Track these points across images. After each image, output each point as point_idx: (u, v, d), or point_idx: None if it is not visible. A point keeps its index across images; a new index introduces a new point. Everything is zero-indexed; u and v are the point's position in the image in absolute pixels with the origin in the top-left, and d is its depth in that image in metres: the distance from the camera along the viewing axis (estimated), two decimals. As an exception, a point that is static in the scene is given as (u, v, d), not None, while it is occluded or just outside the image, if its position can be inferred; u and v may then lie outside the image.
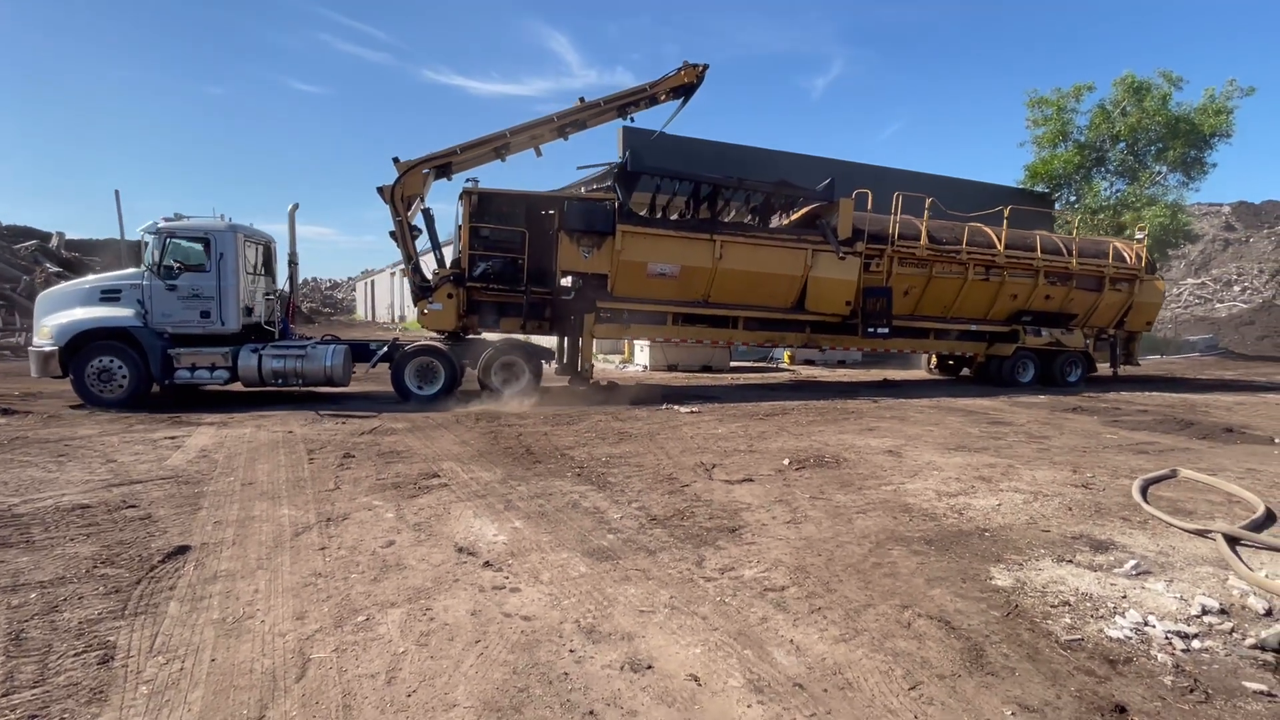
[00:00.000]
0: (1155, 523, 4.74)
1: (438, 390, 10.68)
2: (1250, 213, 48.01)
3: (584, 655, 2.82)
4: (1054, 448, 7.47)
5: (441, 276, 11.03)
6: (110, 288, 9.74)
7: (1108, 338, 15.66)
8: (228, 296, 9.85)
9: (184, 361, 9.73)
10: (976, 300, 13.94)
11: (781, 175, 14.09)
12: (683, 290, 11.93)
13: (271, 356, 10.03)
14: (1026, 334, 14.28)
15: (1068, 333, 14.67)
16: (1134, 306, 15.27)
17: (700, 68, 11.81)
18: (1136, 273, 15.00)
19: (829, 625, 3.14)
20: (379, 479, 5.70)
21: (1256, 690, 2.64)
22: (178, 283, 9.65)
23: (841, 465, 6.39)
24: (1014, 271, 13.85)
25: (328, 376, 10.20)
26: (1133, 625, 3.15)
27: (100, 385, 9.47)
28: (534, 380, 10.99)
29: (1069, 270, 14.26)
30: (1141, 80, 26.53)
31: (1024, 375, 14.49)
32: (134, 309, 9.60)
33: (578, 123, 11.57)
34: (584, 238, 11.18)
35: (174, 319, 9.71)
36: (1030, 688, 2.63)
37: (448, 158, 11.05)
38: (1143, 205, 25.84)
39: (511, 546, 4.11)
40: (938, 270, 13.37)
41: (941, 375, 16.75)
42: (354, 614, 3.16)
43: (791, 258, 12.27)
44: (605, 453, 6.84)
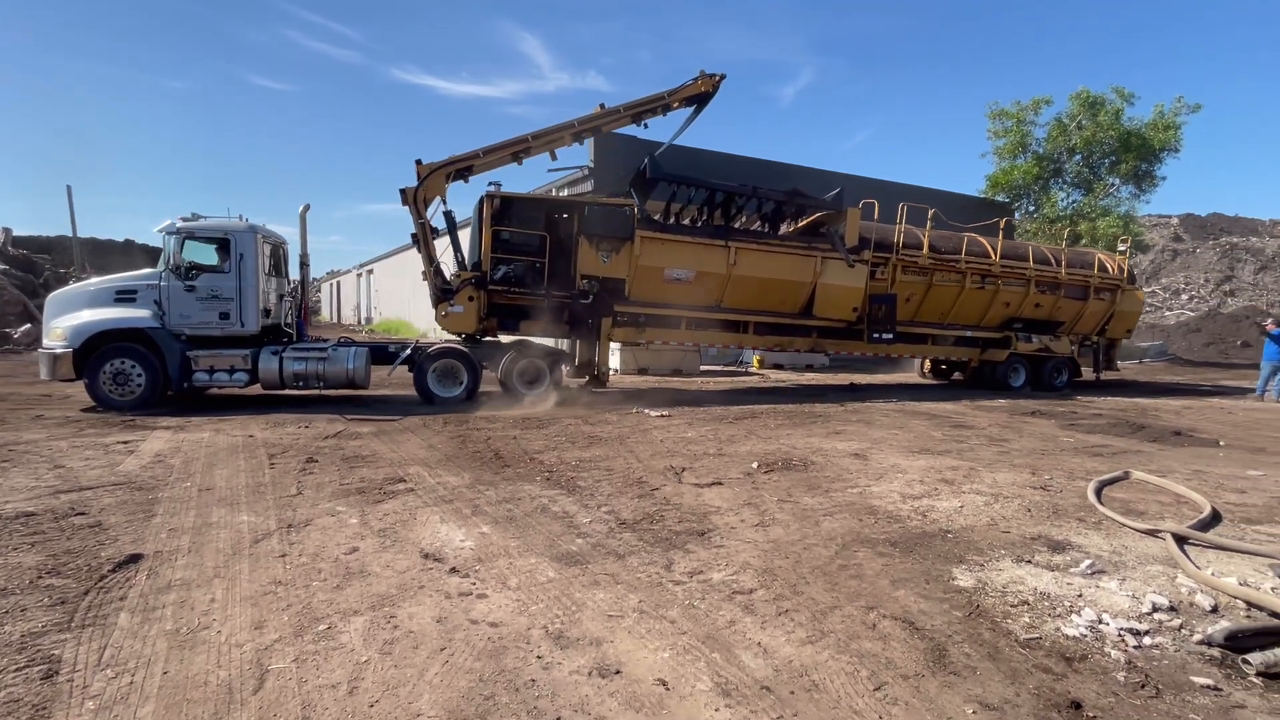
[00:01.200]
0: (1109, 523, 4.89)
1: (460, 393, 10.64)
2: (1197, 224, 50.03)
3: (551, 661, 2.79)
4: (1014, 450, 7.67)
5: (463, 279, 11.02)
6: (126, 288, 9.52)
7: (1091, 344, 16.28)
8: (248, 298, 9.69)
9: (202, 364, 9.54)
10: (972, 307, 14.42)
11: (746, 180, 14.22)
12: (697, 295, 12.10)
13: (292, 359, 9.88)
14: (1018, 340, 14.82)
15: (1055, 339, 15.27)
16: (1115, 315, 15.90)
17: (717, 77, 12.02)
18: (1119, 283, 15.61)
19: (796, 627, 3.16)
20: (343, 484, 5.59)
21: (1204, 685, 2.73)
22: (196, 284, 9.49)
23: (809, 468, 6.46)
24: (1007, 280, 14.39)
25: (350, 379, 10.10)
26: (1088, 623, 3.24)
27: (115, 388, 9.24)
28: (555, 383, 11.09)
29: (1058, 280, 14.84)
30: (1096, 95, 27.48)
31: (1016, 380, 14.97)
32: (151, 310, 9.40)
33: (595, 129, 11.68)
34: (603, 242, 11.31)
35: (192, 320, 9.53)
36: (991, 686, 2.69)
37: (470, 161, 11.04)
38: (1097, 216, 26.75)
39: (479, 552, 4.05)
40: (937, 278, 13.85)
41: (935, 379, 17.19)
42: (315, 623, 3.09)
43: (801, 265, 12.58)
44: (575, 457, 6.81)
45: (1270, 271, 44.34)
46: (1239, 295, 41.81)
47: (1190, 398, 14.65)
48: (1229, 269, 44.53)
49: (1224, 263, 44.91)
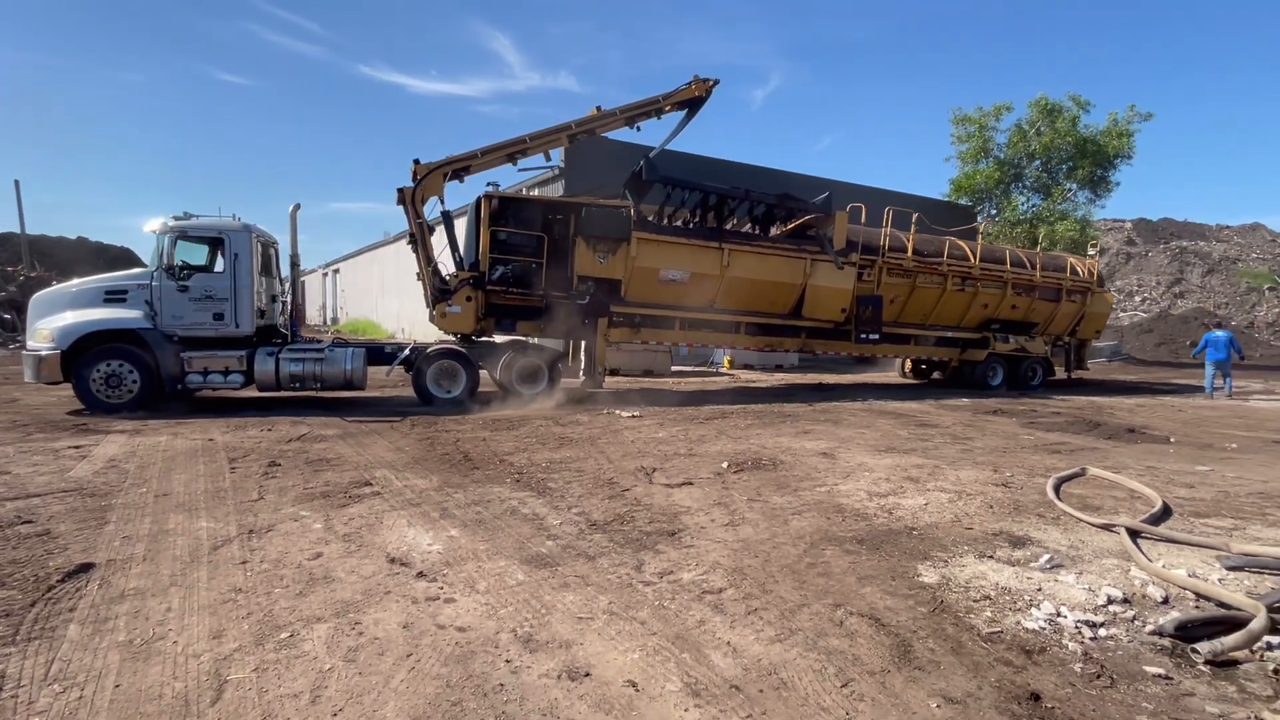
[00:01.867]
0: (1067, 519, 5.03)
1: (459, 393, 10.60)
2: (1149, 229, 51.82)
3: (520, 665, 2.77)
4: (976, 448, 7.84)
5: (460, 279, 11.01)
6: (116, 288, 9.30)
7: (1063, 344, 16.84)
8: (242, 298, 9.52)
9: (196, 366, 9.37)
10: (953, 309, 14.83)
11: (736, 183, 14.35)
12: (692, 296, 12.25)
13: (289, 360, 9.74)
14: (996, 340, 15.26)
15: (1031, 339, 15.79)
16: (1086, 316, 16.50)
17: (710, 82, 12.17)
18: (1089, 286, 16.20)
19: (765, 626, 3.18)
20: (307, 488, 5.47)
21: (1155, 674, 2.83)
22: (189, 284, 9.31)
23: (778, 468, 6.52)
24: (986, 283, 14.84)
25: (347, 379, 10.00)
26: (1046, 616, 3.32)
27: (107, 391, 9.01)
28: (553, 382, 11.18)
29: (1033, 282, 15.34)
30: (1054, 102, 28.28)
31: (994, 379, 15.45)
32: (142, 310, 9.19)
33: (590, 131, 11.77)
34: (600, 243, 11.37)
35: (185, 321, 9.34)
36: (954, 680, 2.74)
37: (468, 161, 11.05)
38: (1056, 220, 27.50)
39: (447, 556, 4.00)
40: (920, 280, 14.21)
41: (916, 379, 17.59)
42: (277, 630, 3.01)
43: (792, 266, 12.80)
44: (545, 458, 6.77)
45: (1217, 274, 46.12)
46: (1188, 297, 43.41)
47: (1143, 396, 15.16)
48: (1179, 272, 46.20)
49: (1174, 266, 46.59)
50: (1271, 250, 50.22)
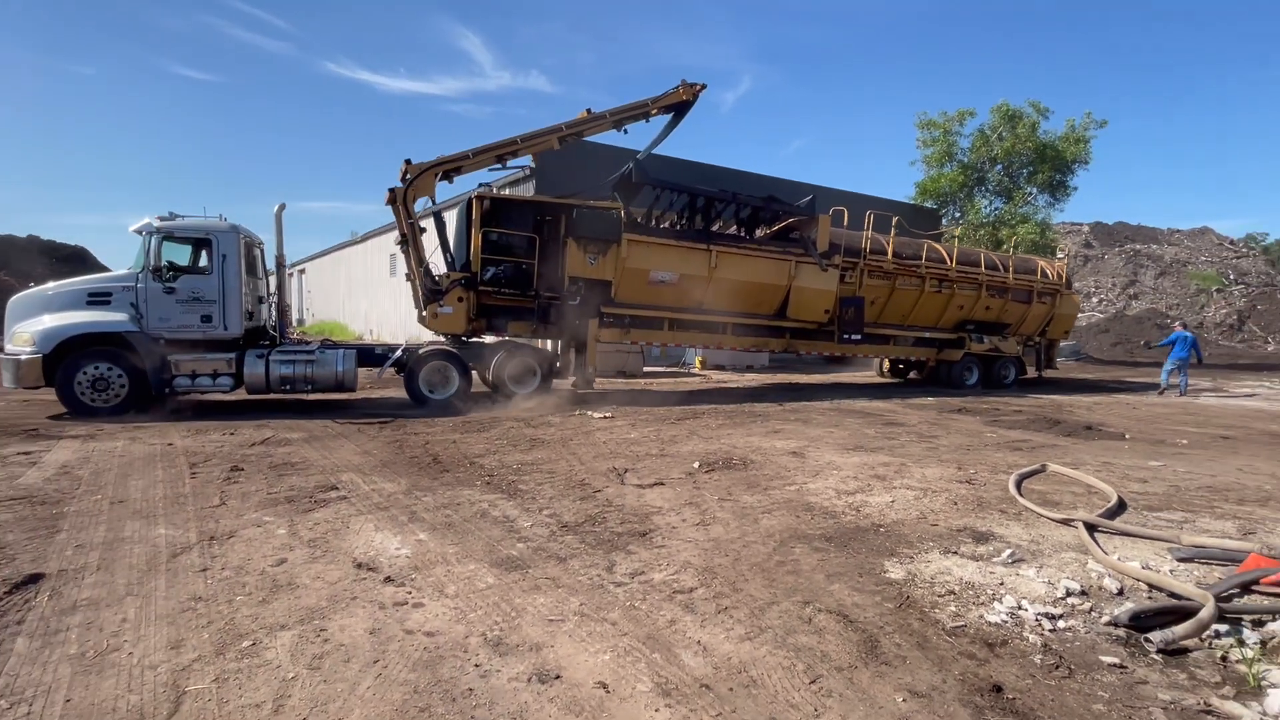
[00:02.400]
0: (1028, 514, 5.16)
1: (451, 394, 10.57)
2: (1105, 232, 53.49)
3: (490, 669, 2.74)
4: (941, 446, 8.00)
5: (452, 280, 10.98)
6: (100, 290, 9.08)
7: (1034, 344, 17.35)
8: (231, 299, 9.39)
9: (184, 369, 9.19)
10: (930, 310, 15.21)
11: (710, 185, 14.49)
12: (680, 297, 12.39)
13: (279, 362, 9.62)
14: (971, 341, 15.67)
15: (1004, 340, 16.23)
16: (1055, 317, 17.03)
17: (697, 87, 12.31)
18: (1058, 288, 16.77)
19: (735, 624, 3.21)
20: (271, 493, 5.35)
21: (1111, 663, 2.92)
22: (176, 285, 9.14)
23: (749, 467, 6.57)
24: (962, 285, 15.25)
25: (339, 381, 9.94)
26: (1008, 610, 3.41)
27: (94, 395, 8.86)
28: (546, 383, 11.26)
29: (1006, 284, 15.81)
30: (1015, 109, 29.02)
31: (970, 379, 15.86)
32: (127, 313, 8.99)
33: (579, 133, 11.83)
34: (591, 244, 11.44)
35: (172, 323, 9.16)
36: (920, 674, 2.80)
37: (459, 161, 11.04)
38: (1017, 223, 28.22)
39: (415, 560, 3.95)
40: (900, 282, 14.57)
41: (893, 379, 17.97)
42: (238, 639, 2.94)
43: (777, 268, 13.00)
44: (516, 460, 6.72)
45: (1168, 276, 47.80)
46: (1141, 298, 44.92)
47: (1100, 394, 15.64)
48: (1133, 274, 47.78)
49: (1129, 268, 48.18)
50: (1219, 254, 52.22)
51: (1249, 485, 6.28)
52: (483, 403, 10.54)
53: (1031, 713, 2.54)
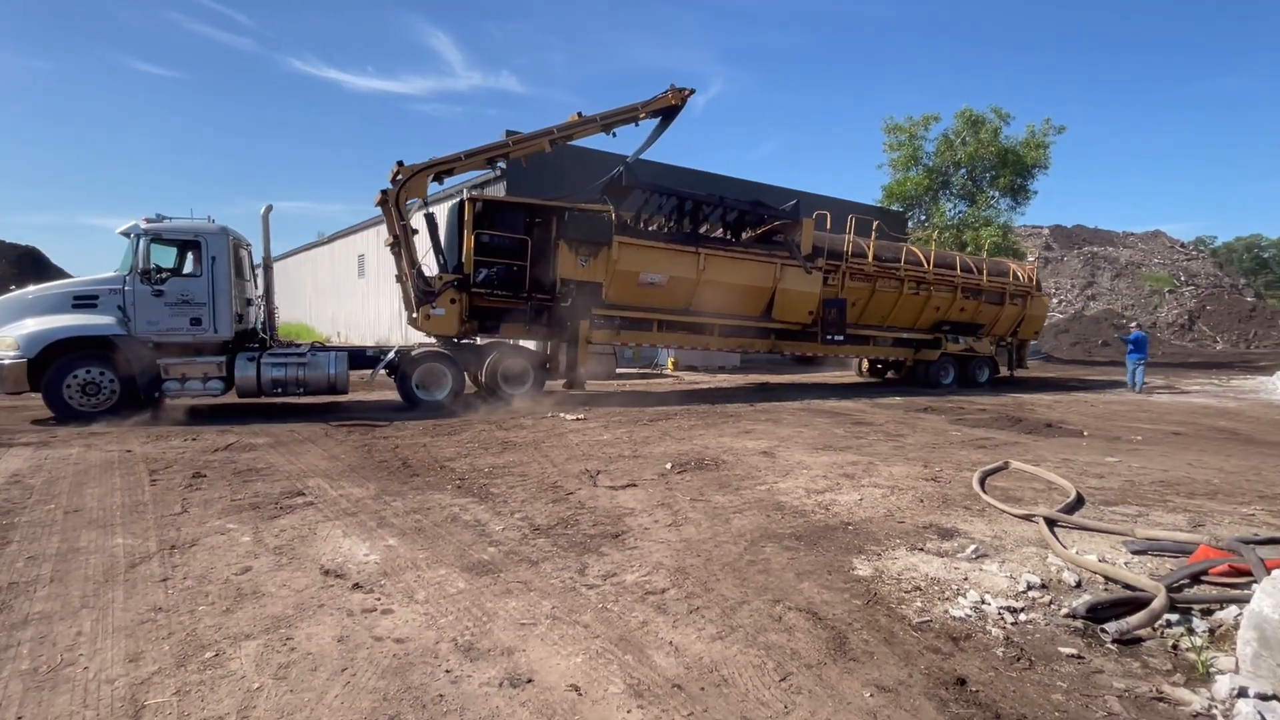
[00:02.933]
0: (991, 510, 5.29)
1: (444, 395, 10.59)
2: (1064, 235, 55.06)
3: (461, 675, 2.72)
4: (908, 445, 8.16)
5: (445, 282, 10.97)
6: (85, 293, 8.94)
7: (1006, 344, 17.93)
8: (221, 302, 9.31)
9: (173, 372, 9.09)
10: (908, 311, 15.65)
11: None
12: (669, 299, 12.58)
13: (270, 365, 9.55)
14: (947, 341, 16.17)
15: (978, 340, 16.81)
16: (1026, 318, 17.68)
17: (686, 92, 12.50)
18: (1029, 290, 17.41)
19: (706, 624, 3.23)
20: (235, 500, 5.23)
21: (1069, 654, 3.01)
22: (165, 288, 9.04)
23: (720, 467, 6.62)
24: (938, 287, 15.68)
25: (331, 384, 9.90)
26: (972, 604, 3.49)
27: (83, 399, 8.78)
28: (539, 383, 11.39)
29: (980, 286, 16.32)
30: (977, 114, 29.71)
31: (946, 378, 16.34)
32: (115, 316, 8.87)
33: (569, 136, 11.90)
34: (582, 247, 11.51)
35: (161, 327, 9.06)
36: (887, 669, 2.85)
37: (452, 163, 11.06)
38: (980, 226, 28.89)
39: (384, 566, 3.90)
40: (880, 285, 14.98)
41: (872, 378, 18.42)
42: (200, 650, 2.87)
43: (763, 271, 13.28)
44: (488, 463, 6.67)
45: (1124, 278, 49.38)
46: (1099, 299, 46.34)
47: (1060, 392, 16.09)
48: (1091, 276, 49.27)
49: (1087, 270, 49.67)
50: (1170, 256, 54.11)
51: (1198, 479, 6.52)
52: (474, 404, 10.61)
53: (994, 704, 2.60)
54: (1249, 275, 68.58)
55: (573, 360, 11.81)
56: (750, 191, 19.01)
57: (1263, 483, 6.45)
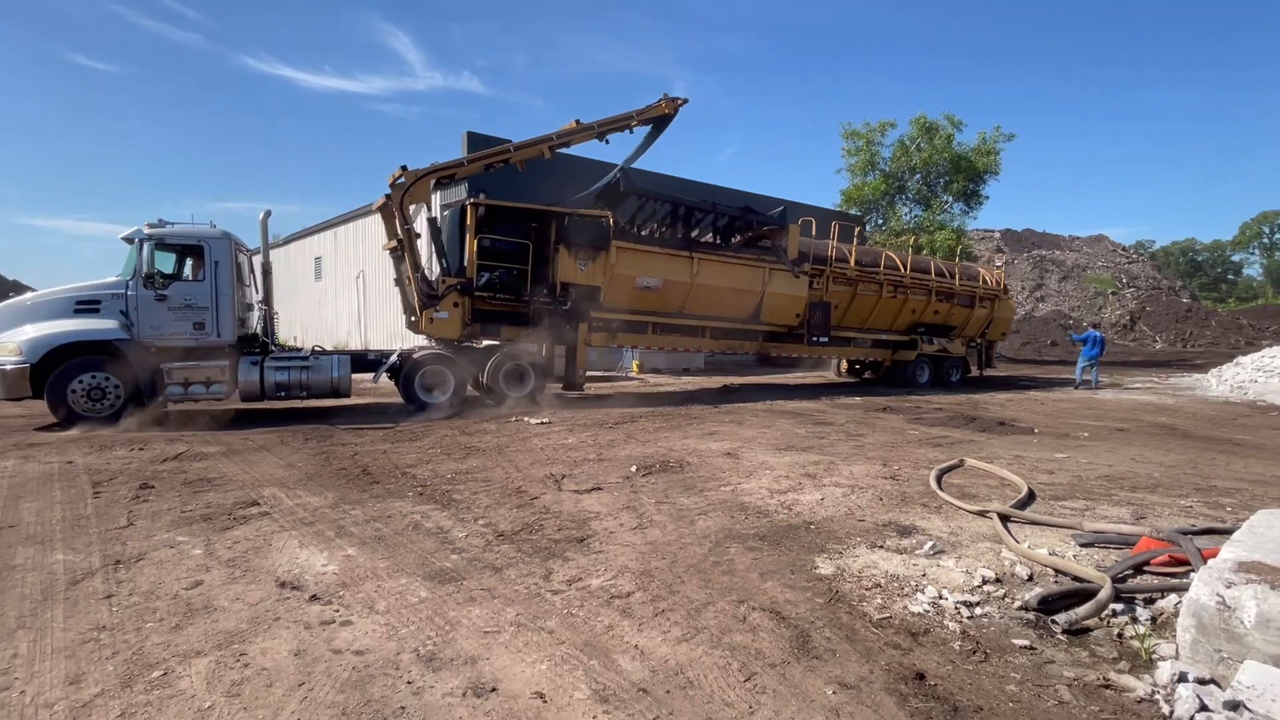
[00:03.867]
0: (948, 507, 5.44)
1: (447, 397, 10.72)
2: (1014, 239, 56.92)
3: (423, 685, 2.67)
4: (868, 444, 8.32)
5: (448, 285, 11.07)
6: (88, 298, 8.91)
7: (975, 345, 18.69)
8: (224, 307, 9.37)
9: (176, 377, 9.09)
10: (887, 314, 16.32)
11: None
12: (664, 302, 12.89)
13: (274, 369, 9.63)
14: (923, 343, 16.88)
15: (951, 341, 17.60)
16: (994, 320, 18.51)
17: (679, 101, 12.86)
18: (997, 293, 18.28)
19: (672, 626, 3.24)
20: (185, 511, 5.05)
21: (1022, 645, 3.11)
22: (168, 293, 9.08)
23: (685, 469, 6.65)
24: (915, 290, 16.39)
25: (334, 387, 10.02)
26: (930, 600, 3.58)
27: (88, 404, 8.76)
28: (540, 385, 11.58)
29: (953, 290, 17.09)
30: (931, 121, 30.54)
31: (922, 377, 17.05)
32: (118, 321, 8.88)
33: (566, 142, 12.13)
34: (581, 251, 11.72)
35: (164, 331, 9.09)
36: (849, 666, 2.90)
37: (453, 169, 11.25)
38: (935, 230, 29.67)
39: (343, 576, 3.81)
40: (861, 288, 15.60)
41: (850, 379, 19.03)
42: (148, 669, 2.76)
43: (752, 275, 13.73)
44: (451, 469, 6.57)
45: (1070, 280, 51.28)
46: (1047, 301, 48.03)
47: (1011, 391, 16.61)
48: (1039, 278, 51.02)
49: (1035, 272, 51.42)
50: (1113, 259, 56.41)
51: (1141, 473, 6.81)
52: (476, 405, 10.98)
53: (952, 697, 2.67)
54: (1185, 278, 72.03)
55: (572, 362, 12.07)
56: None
57: (1199, 476, 6.77)
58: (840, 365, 19.36)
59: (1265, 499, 5.79)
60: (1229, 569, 2.94)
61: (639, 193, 12.91)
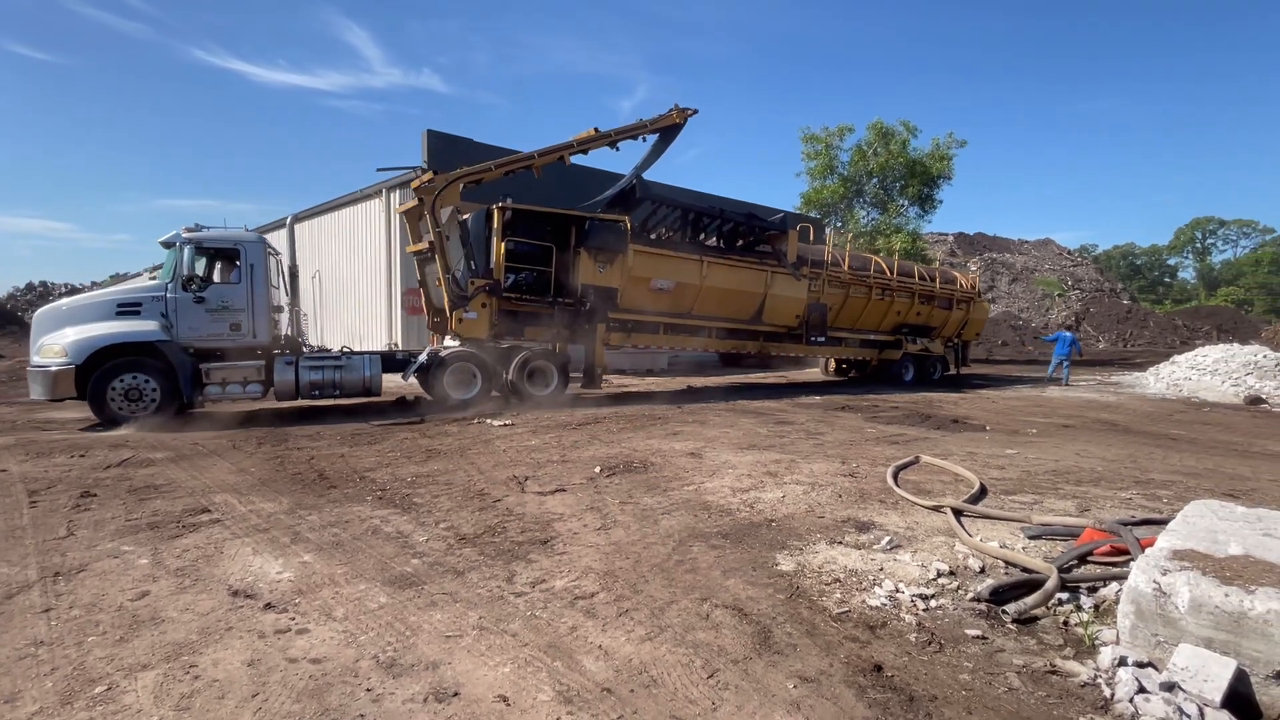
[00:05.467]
0: (904, 503, 5.58)
1: (474, 394, 11.14)
2: (967, 242, 58.65)
3: (383, 692, 2.63)
4: (828, 442, 8.48)
5: (476, 286, 11.41)
6: (129, 300, 9.26)
7: (952, 345, 19.69)
8: (259, 308, 9.70)
9: (214, 377, 9.39)
10: (874, 315, 17.19)
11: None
12: (675, 303, 13.54)
13: (308, 368, 9.93)
14: (908, 343, 17.90)
15: (932, 341, 18.65)
16: (969, 321, 19.63)
17: (688, 111, 13.49)
18: (972, 296, 19.47)
19: (636, 626, 3.25)
20: (130, 520, 4.85)
21: (974, 635, 3.21)
22: (205, 295, 9.39)
23: (649, 469, 6.67)
24: (900, 293, 17.36)
25: (366, 386, 10.37)
26: (887, 593, 3.67)
27: (126, 404, 8.96)
28: (563, 383, 12.04)
29: (933, 293, 18.19)
30: (888, 126, 31.32)
31: (907, 375, 18.09)
32: (158, 322, 9.19)
33: (584, 149, 12.66)
34: (600, 254, 12.23)
35: (202, 332, 9.42)
36: (809, 660, 2.96)
37: (481, 173, 11.64)
38: (891, 232, 30.41)
39: (299, 583, 3.71)
40: (853, 291, 16.43)
41: (837, 377, 19.89)
42: (89, 685, 2.65)
43: (756, 277, 14.53)
44: (411, 472, 6.47)
45: (1020, 282, 53.08)
46: (998, 302, 49.62)
47: (965, 390, 17.11)
48: (990, 280, 52.66)
49: (987, 274, 53.06)
50: (1060, 262, 58.58)
51: (1085, 468, 7.10)
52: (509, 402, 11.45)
53: (908, 687, 2.75)
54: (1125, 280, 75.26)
55: (590, 360, 12.60)
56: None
57: (1138, 469, 7.09)
58: (828, 364, 20.22)
59: (1198, 490, 6.10)
60: (1164, 557, 3.09)
61: (654, 198, 13.55)
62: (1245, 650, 2.63)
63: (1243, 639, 2.64)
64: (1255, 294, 73.90)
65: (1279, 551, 3.08)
